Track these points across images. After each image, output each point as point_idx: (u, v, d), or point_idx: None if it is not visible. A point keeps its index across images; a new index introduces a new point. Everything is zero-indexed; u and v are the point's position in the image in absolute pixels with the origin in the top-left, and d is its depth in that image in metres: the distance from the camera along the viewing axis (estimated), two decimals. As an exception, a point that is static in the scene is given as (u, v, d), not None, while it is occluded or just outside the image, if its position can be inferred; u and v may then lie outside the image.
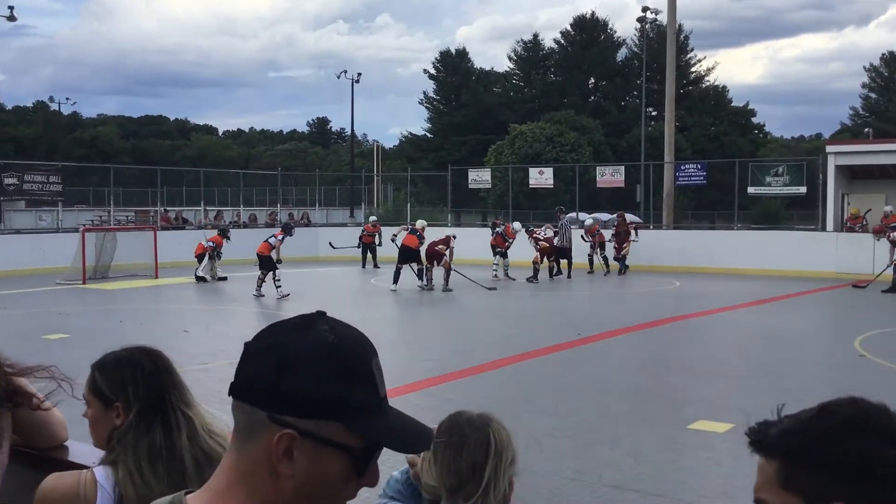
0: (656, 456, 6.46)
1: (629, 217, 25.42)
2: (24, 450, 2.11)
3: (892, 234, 18.99)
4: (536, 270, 21.43)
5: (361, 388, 1.08)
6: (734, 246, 24.11)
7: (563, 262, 22.29)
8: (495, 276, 21.52)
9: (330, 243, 25.42)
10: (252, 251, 18.71)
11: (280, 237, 18.01)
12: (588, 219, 26.17)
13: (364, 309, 16.28)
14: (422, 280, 19.30)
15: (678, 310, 15.48)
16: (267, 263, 17.72)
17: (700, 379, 9.46)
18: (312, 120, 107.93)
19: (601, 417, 7.66)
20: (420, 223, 20.22)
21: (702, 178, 27.37)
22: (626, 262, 23.42)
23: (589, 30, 66.09)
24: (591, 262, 23.53)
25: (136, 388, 1.94)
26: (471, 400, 8.11)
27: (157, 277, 21.39)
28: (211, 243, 21.32)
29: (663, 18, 37.94)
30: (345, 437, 1.06)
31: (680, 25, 56.04)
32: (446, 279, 19.21)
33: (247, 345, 1.12)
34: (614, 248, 23.54)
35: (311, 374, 1.05)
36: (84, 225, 25.20)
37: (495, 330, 13.55)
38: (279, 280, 17.42)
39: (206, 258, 21.11)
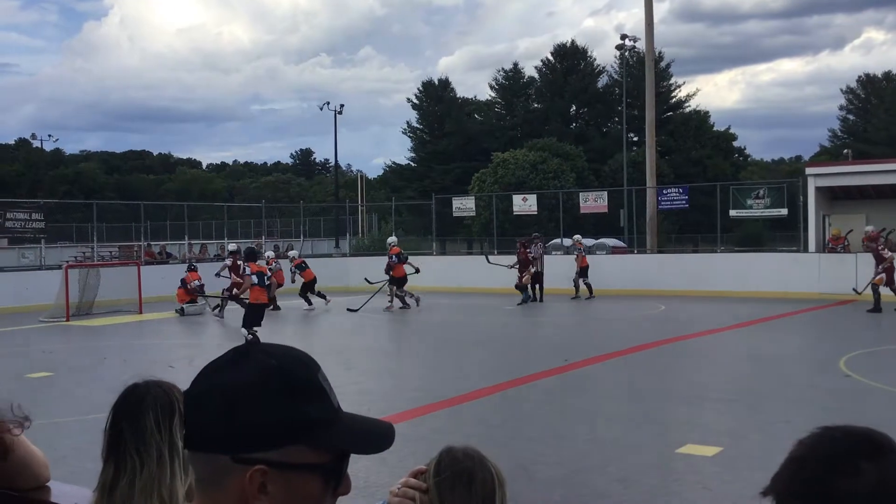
0: (645, 481, 6.44)
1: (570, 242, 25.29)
2: (6, 491, 2.08)
3: (882, 249, 18.67)
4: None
5: (314, 404, 1.07)
6: (718, 269, 24.16)
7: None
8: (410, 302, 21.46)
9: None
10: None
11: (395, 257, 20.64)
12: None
13: (347, 338, 16.20)
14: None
15: (664, 334, 15.49)
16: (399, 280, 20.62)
17: (687, 403, 9.46)
18: (296, 151, 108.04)
19: (590, 444, 7.63)
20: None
21: (684, 201, 27.53)
22: (529, 292, 22.36)
23: (569, 58, 66.72)
24: (575, 286, 23.44)
25: None
26: (459, 429, 8.08)
27: (140, 313, 21.25)
28: (196, 282, 21.44)
29: (642, 46, 38.38)
30: (312, 457, 1.06)
31: (659, 52, 56.75)
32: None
33: (187, 392, 1.10)
34: (518, 276, 22.52)
35: (261, 403, 1.04)
36: (67, 262, 25.02)
37: (482, 357, 13.50)
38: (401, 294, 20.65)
39: (199, 299, 21.43)
